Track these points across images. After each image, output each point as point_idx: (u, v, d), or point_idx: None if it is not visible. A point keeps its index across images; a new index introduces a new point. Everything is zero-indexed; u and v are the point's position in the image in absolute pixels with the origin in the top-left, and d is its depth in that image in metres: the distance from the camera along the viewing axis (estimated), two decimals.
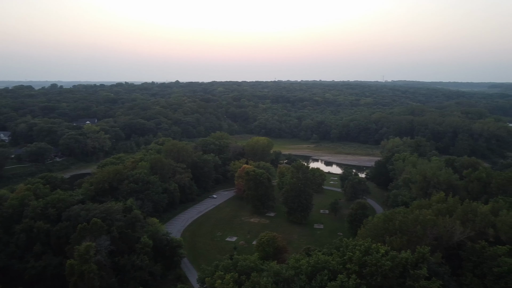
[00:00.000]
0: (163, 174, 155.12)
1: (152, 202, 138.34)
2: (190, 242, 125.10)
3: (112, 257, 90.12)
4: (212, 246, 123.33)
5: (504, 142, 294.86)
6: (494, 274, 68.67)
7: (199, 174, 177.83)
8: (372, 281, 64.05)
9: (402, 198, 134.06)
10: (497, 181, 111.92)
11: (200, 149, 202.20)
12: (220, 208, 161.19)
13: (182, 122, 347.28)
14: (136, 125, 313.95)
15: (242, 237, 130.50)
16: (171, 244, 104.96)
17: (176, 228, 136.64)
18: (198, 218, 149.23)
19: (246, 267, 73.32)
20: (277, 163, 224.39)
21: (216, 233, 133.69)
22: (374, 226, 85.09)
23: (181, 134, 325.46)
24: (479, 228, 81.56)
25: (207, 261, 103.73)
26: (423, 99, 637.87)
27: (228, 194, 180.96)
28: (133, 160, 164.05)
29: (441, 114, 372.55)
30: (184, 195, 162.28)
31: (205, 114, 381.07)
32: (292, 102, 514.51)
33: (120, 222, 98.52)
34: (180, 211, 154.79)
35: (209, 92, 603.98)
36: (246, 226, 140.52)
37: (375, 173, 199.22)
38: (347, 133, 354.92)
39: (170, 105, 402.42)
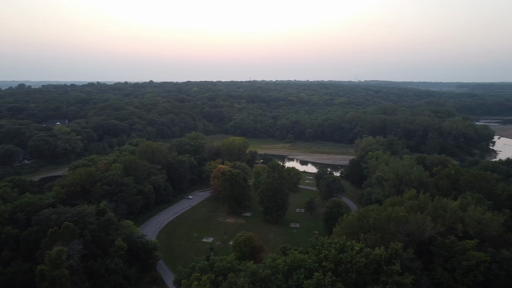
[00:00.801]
0: (138, 175, 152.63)
1: (127, 204, 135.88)
2: (166, 244, 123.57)
3: (85, 262, 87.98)
4: (188, 248, 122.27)
5: (471, 140, 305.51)
6: (463, 267, 71.11)
7: (174, 175, 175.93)
8: (347, 278, 65.17)
9: (376, 196, 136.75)
10: (465, 178, 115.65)
11: (175, 150, 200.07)
12: (196, 209, 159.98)
13: (157, 122, 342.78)
14: (109, 126, 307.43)
15: (219, 237, 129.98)
16: (146, 247, 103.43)
17: (152, 230, 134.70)
18: (174, 219, 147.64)
19: (223, 268, 73.16)
20: (253, 163, 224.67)
21: (192, 234, 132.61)
22: (349, 224, 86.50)
23: (156, 135, 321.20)
24: (449, 224, 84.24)
25: (183, 262, 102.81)
26: (395, 99, 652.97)
27: (204, 194, 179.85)
28: (106, 162, 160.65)
29: (412, 113, 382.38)
30: (159, 197, 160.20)
31: (180, 114, 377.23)
32: (267, 102, 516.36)
33: (93, 225, 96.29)
34: (155, 213, 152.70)
35: (184, 92, 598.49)
36: (222, 227, 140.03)
37: (349, 171, 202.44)
38: (322, 132, 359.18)
39: (144, 105, 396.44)
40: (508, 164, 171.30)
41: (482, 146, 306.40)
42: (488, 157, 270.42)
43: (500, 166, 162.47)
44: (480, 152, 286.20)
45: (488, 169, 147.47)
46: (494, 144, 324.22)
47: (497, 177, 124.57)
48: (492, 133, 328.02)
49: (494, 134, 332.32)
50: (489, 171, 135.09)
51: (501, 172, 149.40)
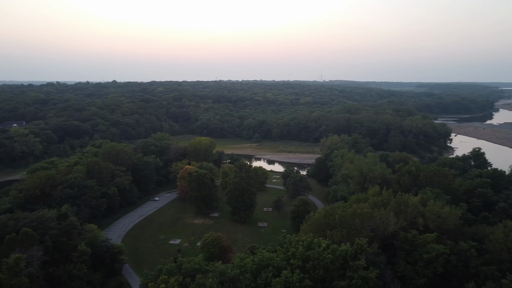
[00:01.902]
0: (101, 177, 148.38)
1: (90, 208, 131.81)
2: (131, 247, 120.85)
3: (46, 269, 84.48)
4: (155, 250, 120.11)
5: (430, 137, 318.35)
6: (424, 260, 73.91)
7: (139, 177, 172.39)
8: (314, 275, 66.14)
9: (341, 193, 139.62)
10: (425, 174, 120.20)
11: (140, 151, 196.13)
12: (162, 211, 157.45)
13: (121, 123, 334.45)
14: (70, 127, 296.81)
15: (186, 239, 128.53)
16: (111, 251, 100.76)
17: (117, 234, 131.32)
18: (140, 222, 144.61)
19: (191, 269, 72.42)
20: (220, 163, 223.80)
21: (159, 237, 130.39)
22: (315, 221, 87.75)
23: (120, 136, 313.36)
24: (411, 218, 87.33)
25: (150, 265, 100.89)
26: (358, 98, 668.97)
27: (171, 196, 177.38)
28: (68, 164, 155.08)
29: (375, 112, 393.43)
30: (125, 199, 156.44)
31: (144, 114, 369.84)
32: (234, 102, 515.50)
33: (54, 231, 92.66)
34: (120, 216, 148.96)
35: (149, 92, 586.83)
36: (190, 228, 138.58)
37: (315, 170, 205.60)
38: (288, 131, 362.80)
39: (107, 106, 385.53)
40: (464, 160, 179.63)
41: (440, 143, 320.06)
42: (446, 154, 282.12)
43: (457, 162, 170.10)
44: (438, 149, 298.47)
45: (446, 165, 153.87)
46: (451, 141, 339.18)
47: (454, 173, 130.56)
48: (449, 131, 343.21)
49: (451, 132, 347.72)
50: (447, 167, 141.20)
51: (458, 168, 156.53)
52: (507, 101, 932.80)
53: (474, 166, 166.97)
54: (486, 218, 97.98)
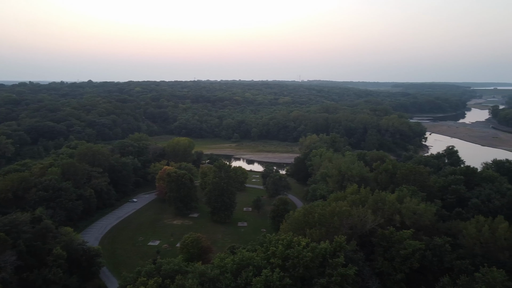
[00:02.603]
0: (77, 179, 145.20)
1: (65, 210, 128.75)
2: (109, 249, 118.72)
3: (19, 274, 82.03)
4: (134, 252, 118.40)
5: (406, 136, 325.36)
6: (401, 256, 75.40)
7: (117, 178, 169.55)
8: (294, 273, 66.55)
9: (320, 192, 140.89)
10: (401, 172, 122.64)
11: (117, 152, 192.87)
12: (141, 212, 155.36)
13: (97, 124, 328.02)
14: (44, 128, 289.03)
15: (166, 240, 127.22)
16: (88, 254, 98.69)
17: (94, 236, 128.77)
18: (118, 223, 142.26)
19: (170, 271, 71.63)
20: (199, 163, 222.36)
21: (137, 238, 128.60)
22: (295, 220, 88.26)
23: (96, 137, 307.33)
24: (388, 215, 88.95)
25: (128, 268, 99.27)
26: (336, 98, 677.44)
27: (149, 197, 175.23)
28: (42, 166, 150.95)
29: (352, 111, 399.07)
30: (102, 201, 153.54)
31: (122, 115, 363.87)
32: (213, 101, 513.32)
33: (28, 234, 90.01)
34: (97, 218, 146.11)
35: (126, 92, 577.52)
36: (169, 229, 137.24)
37: (294, 169, 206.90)
38: (267, 131, 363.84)
39: (83, 106, 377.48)
40: (438, 158, 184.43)
41: (415, 141, 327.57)
42: (421, 152, 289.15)
43: (432, 160, 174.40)
44: (414, 147, 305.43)
45: (421, 163, 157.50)
46: (426, 140, 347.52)
47: (429, 170, 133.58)
48: (424, 130, 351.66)
49: (426, 131, 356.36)
50: (422, 165, 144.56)
51: (432, 166, 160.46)
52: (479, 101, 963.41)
53: (448, 164, 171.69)
54: (460, 214, 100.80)
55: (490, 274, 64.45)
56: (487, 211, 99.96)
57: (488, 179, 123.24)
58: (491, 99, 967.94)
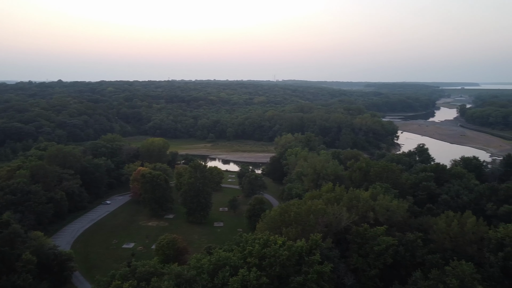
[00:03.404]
0: (47, 182, 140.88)
1: (35, 214, 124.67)
2: (82, 253, 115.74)
3: None
4: (108, 255, 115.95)
5: (379, 135, 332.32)
6: (375, 252, 76.97)
7: (89, 180, 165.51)
8: (271, 272, 66.82)
9: (296, 191, 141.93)
10: (375, 170, 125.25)
11: (89, 153, 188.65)
12: (115, 214, 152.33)
13: (68, 124, 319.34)
14: (11, 130, 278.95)
15: (140, 242, 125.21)
16: (59, 258, 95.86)
17: (66, 240, 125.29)
18: (91, 226, 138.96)
19: (146, 273, 70.55)
20: (174, 163, 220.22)
21: (111, 241, 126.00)
22: (271, 219, 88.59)
23: (67, 138, 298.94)
24: (362, 213, 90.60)
25: (102, 272, 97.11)
26: (311, 97, 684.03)
27: (123, 198, 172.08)
28: (9, 169, 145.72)
29: (327, 111, 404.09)
30: (73, 204, 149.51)
31: (94, 115, 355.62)
32: (187, 101, 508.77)
33: None
34: (69, 221, 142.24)
35: (98, 92, 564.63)
36: (144, 231, 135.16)
37: (270, 168, 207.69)
38: (243, 131, 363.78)
39: (53, 107, 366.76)
40: (410, 156, 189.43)
41: (388, 140, 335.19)
42: (393, 150, 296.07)
43: (404, 158, 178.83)
44: (386, 145, 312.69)
45: (394, 161, 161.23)
46: (398, 138, 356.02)
47: (401, 168, 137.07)
48: (396, 128, 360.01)
49: (398, 129, 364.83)
50: (395, 162, 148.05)
51: (404, 163, 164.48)
52: (447, 100, 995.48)
53: (419, 161, 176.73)
54: (430, 210, 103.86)
55: (460, 267, 66.68)
56: (456, 207, 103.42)
57: (456, 175, 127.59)
58: (459, 99, 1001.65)
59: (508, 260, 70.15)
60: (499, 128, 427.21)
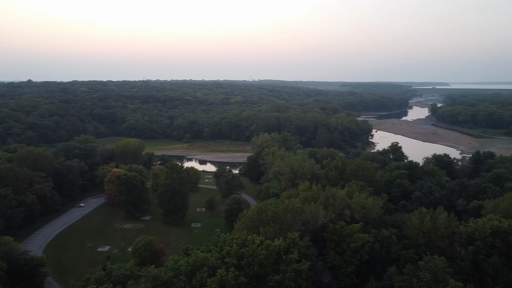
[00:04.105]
0: (17, 185, 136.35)
1: (4, 219, 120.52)
2: (55, 258, 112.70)
3: None
4: (82, 260, 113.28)
5: (354, 134, 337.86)
6: (351, 249, 78.23)
7: (62, 182, 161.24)
8: (249, 271, 66.88)
9: (273, 190, 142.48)
10: (350, 168, 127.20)
11: (62, 155, 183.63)
12: (89, 217, 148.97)
13: (39, 126, 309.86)
14: None
15: (116, 245, 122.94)
16: (31, 264, 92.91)
17: (37, 245, 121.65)
18: (64, 230, 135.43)
19: (122, 276, 69.39)
20: (150, 164, 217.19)
21: (85, 245, 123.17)
22: (249, 218, 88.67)
23: (38, 140, 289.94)
24: (338, 210, 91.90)
25: (76, 276, 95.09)
26: (287, 97, 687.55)
27: (98, 201, 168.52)
28: None
29: (303, 110, 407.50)
30: (45, 207, 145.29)
31: (66, 116, 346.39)
32: (163, 102, 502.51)
33: None
34: (41, 225, 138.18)
35: (70, 93, 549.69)
36: (119, 233, 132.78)
37: (247, 168, 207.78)
38: (220, 131, 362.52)
39: (22, 107, 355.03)
40: (384, 154, 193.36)
41: (363, 139, 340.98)
42: (368, 149, 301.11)
43: (378, 156, 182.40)
44: (362, 144, 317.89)
45: (369, 159, 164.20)
46: (373, 137, 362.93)
47: (376, 166, 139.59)
48: (371, 127, 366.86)
49: (372, 128, 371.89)
50: (370, 161, 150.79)
51: (379, 162, 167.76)
52: (419, 99, 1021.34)
53: (393, 159, 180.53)
54: (404, 207, 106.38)
55: (432, 261, 68.60)
56: (429, 203, 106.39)
57: (429, 173, 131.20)
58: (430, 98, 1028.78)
59: (478, 253, 72.59)
60: (468, 127, 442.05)
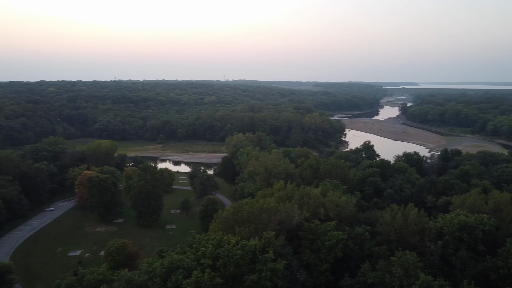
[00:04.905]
0: None
1: None
2: (23, 264, 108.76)
3: None
4: (52, 265, 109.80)
5: (328, 133, 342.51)
6: (326, 247, 79.29)
7: (30, 186, 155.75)
8: (225, 272, 66.69)
9: (248, 190, 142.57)
10: (324, 167, 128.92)
11: (29, 157, 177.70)
12: (59, 221, 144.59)
13: (4, 127, 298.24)
14: None
15: (88, 249, 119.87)
16: None
17: (4, 251, 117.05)
18: (32, 235, 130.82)
19: (94, 281, 67.71)
20: (123, 166, 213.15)
21: (56, 250, 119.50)
22: (224, 219, 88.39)
23: (3, 142, 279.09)
24: (313, 209, 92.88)
25: (46, 282, 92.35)
26: (261, 97, 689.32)
27: (68, 204, 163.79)
28: None
29: (277, 110, 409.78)
30: (12, 212, 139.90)
31: (33, 117, 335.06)
32: (136, 102, 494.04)
33: None
34: (7, 231, 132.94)
35: (38, 93, 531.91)
36: (91, 237, 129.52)
37: (222, 168, 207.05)
38: (194, 131, 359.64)
39: None
40: (357, 152, 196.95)
41: (336, 138, 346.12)
42: (341, 148, 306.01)
43: (351, 155, 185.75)
44: (335, 143, 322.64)
45: (342, 158, 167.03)
46: (346, 136, 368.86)
47: (349, 165, 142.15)
48: (344, 127, 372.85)
49: (345, 127, 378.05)
50: (343, 159, 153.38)
51: (352, 160, 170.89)
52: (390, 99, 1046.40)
53: (365, 158, 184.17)
54: (377, 204, 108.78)
55: (404, 257, 70.44)
56: (400, 200, 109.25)
57: (400, 170, 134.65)
58: (400, 97, 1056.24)
59: (447, 248, 75.09)
60: (437, 125, 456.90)
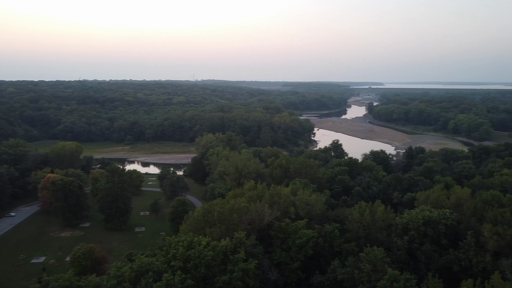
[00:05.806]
0: None
1: None
2: None
3: None
4: (14, 273, 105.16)
5: (297, 132, 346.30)
6: (296, 245, 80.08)
7: None
8: (196, 274, 66.19)
9: (219, 190, 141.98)
10: (294, 166, 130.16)
11: None
12: (21, 227, 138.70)
13: None
14: None
15: (53, 255, 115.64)
16: None
17: None
18: None
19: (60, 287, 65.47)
20: (89, 168, 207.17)
21: (18, 257, 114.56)
22: (194, 220, 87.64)
23: None
24: (283, 208, 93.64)
25: None
26: (230, 97, 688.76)
27: (31, 209, 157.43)
28: None
29: (247, 110, 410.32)
30: None
31: None
32: (102, 102, 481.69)
33: None
34: None
35: None
36: (56, 243, 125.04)
37: (192, 169, 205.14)
38: (162, 132, 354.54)
39: None
40: (326, 151, 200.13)
41: (305, 137, 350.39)
42: (310, 147, 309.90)
43: (320, 154, 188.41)
44: (304, 142, 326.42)
45: (311, 157, 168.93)
46: (315, 135, 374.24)
47: (318, 163, 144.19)
48: (313, 126, 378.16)
49: (314, 127, 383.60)
50: (312, 158, 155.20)
51: (321, 159, 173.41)
52: (357, 98, 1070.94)
53: (334, 156, 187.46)
54: (346, 201, 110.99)
55: (372, 252, 72.22)
56: (368, 197, 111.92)
57: (367, 168, 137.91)
58: (367, 97, 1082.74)
59: (412, 242, 77.61)
60: (401, 124, 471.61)
